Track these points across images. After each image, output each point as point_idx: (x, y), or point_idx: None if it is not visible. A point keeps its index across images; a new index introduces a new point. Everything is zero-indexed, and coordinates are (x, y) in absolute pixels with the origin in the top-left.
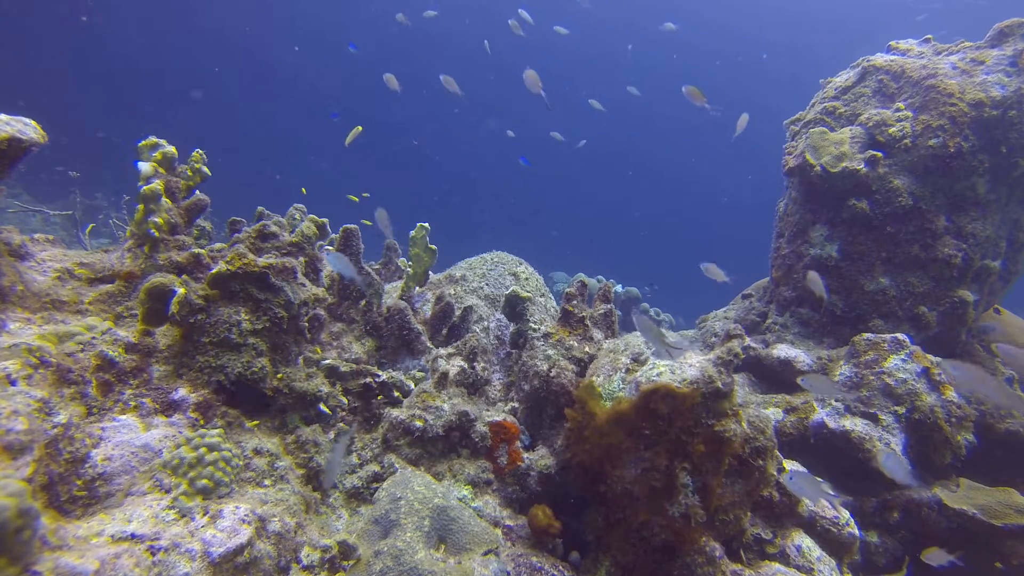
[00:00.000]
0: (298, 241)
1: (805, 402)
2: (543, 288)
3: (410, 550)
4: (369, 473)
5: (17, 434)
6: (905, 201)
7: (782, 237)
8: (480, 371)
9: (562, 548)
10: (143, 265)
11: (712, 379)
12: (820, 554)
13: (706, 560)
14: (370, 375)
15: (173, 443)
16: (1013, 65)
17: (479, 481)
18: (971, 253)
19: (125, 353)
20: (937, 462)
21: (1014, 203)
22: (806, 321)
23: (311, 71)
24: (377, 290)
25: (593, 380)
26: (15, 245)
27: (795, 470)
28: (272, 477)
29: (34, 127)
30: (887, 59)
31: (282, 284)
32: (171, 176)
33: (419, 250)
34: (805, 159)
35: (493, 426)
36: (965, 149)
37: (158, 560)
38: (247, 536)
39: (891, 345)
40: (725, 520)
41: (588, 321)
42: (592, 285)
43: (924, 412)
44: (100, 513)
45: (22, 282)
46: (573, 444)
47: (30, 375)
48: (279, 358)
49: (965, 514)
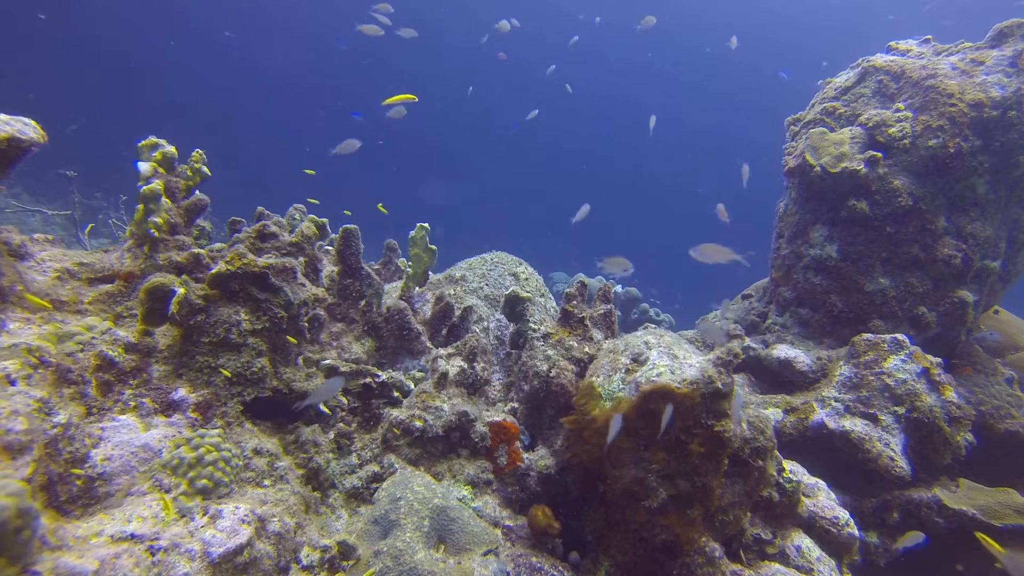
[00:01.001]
0: (298, 241)
1: (805, 402)
2: (543, 288)
3: (410, 550)
4: (369, 473)
5: (17, 434)
6: (905, 201)
7: (782, 237)
8: (480, 371)
9: (562, 548)
10: (143, 265)
11: (712, 379)
12: (820, 554)
13: (706, 560)
14: (370, 375)
15: (173, 443)
16: (1013, 66)
17: (479, 481)
18: (971, 253)
19: (125, 353)
20: (937, 462)
21: (1014, 203)
22: (806, 321)
23: (301, 70)
24: (377, 290)
25: (593, 380)
26: (15, 245)
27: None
28: (272, 477)
29: (34, 127)
30: (887, 59)
31: (282, 284)
32: (171, 176)
33: (419, 250)
34: (805, 159)
35: (493, 426)
36: (965, 149)
37: (158, 560)
38: (247, 536)
39: (891, 345)
40: (725, 520)
41: (588, 321)
42: (592, 285)
43: (924, 412)
44: (100, 513)
45: (22, 282)
46: (573, 444)
47: (30, 375)
48: (279, 358)
49: (965, 514)
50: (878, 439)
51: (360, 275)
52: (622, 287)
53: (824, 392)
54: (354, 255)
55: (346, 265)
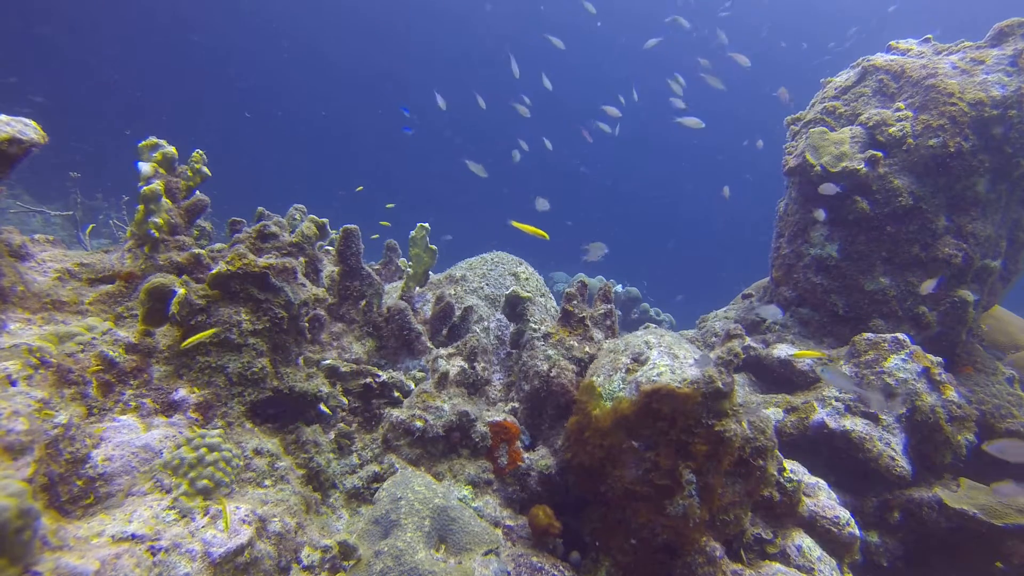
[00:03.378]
0: (298, 241)
1: (805, 402)
2: (543, 288)
3: (410, 550)
4: (369, 473)
5: (18, 434)
6: (905, 201)
7: (782, 237)
8: (480, 371)
9: (562, 548)
10: (143, 265)
11: (712, 379)
12: (820, 554)
13: (706, 560)
14: (370, 375)
15: (173, 443)
16: (1013, 65)
17: (479, 481)
18: (971, 253)
19: (125, 353)
20: (938, 462)
21: (1014, 203)
22: (806, 321)
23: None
24: (377, 290)
25: (593, 380)
26: (15, 246)
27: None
28: (272, 477)
29: (34, 127)
30: (887, 59)
31: (282, 284)
32: (171, 176)
33: (419, 250)
34: (805, 159)
35: (493, 426)
36: (965, 149)
37: (158, 560)
38: (248, 536)
39: (891, 345)
40: (725, 520)
41: (588, 321)
42: (592, 285)
43: (925, 412)
44: (100, 513)
45: (22, 283)
46: (573, 444)
47: (30, 375)
48: (279, 358)
49: (966, 514)
50: (879, 438)
51: (361, 275)
52: (623, 287)
53: (825, 391)
54: (354, 255)
55: (346, 265)
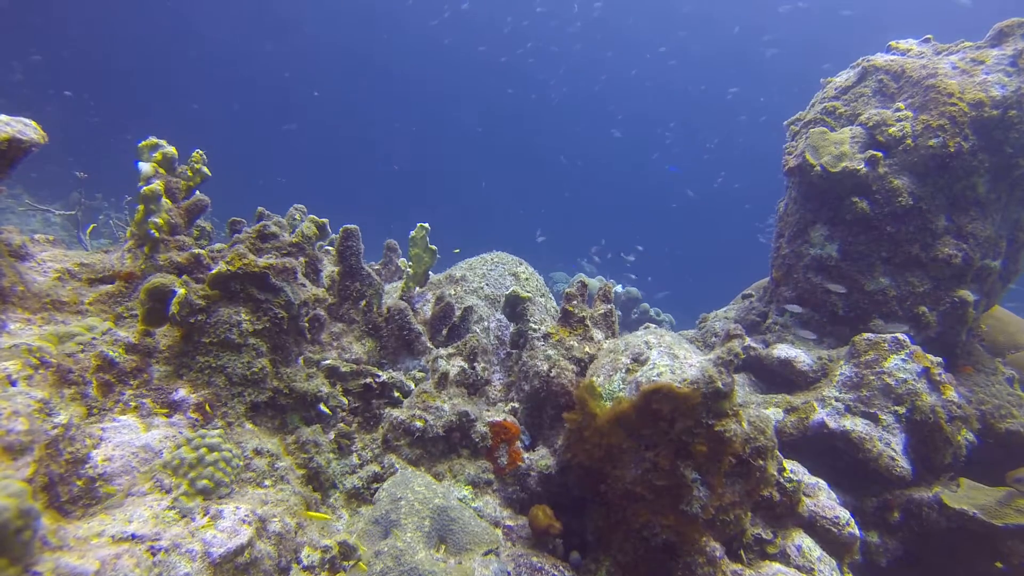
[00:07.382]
0: (298, 241)
1: (805, 402)
2: (543, 288)
3: (410, 550)
4: (369, 473)
5: (17, 435)
6: (905, 201)
7: (782, 237)
8: (480, 371)
9: (562, 548)
10: (143, 265)
11: (712, 379)
12: (820, 554)
13: (706, 560)
14: (370, 375)
15: (173, 443)
16: (1013, 65)
17: (479, 481)
18: (971, 253)
19: (125, 353)
20: (938, 462)
21: (1014, 203)
22: (806, 321)
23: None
24: (377, 290)
25: (593, 380)
26: (15, 246)
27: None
28: (272, 477)
29: (34, 127)
30: (887, 59)
31: (282, 284)
32: (171, 176)
33: (419, 250)
34: (805, 159)
35: (493, 426)
36: (965, 149)
37: (158, 560)
38: (247, 536)
39: (891, 345)
40: (725, 520)
41: (588, 321)
42: (592, 285)
43: (925, 412)
44: (100, 513)
45: (22, 283)
46: (573, 444)
47: (30, 375)
48: (279, 358)
49: (965, 514)
50: (879, 438)
51: (360, 275)
52: (622, 287)
53: (825, 392)
54: (354, 255)
55: (346, 265)
